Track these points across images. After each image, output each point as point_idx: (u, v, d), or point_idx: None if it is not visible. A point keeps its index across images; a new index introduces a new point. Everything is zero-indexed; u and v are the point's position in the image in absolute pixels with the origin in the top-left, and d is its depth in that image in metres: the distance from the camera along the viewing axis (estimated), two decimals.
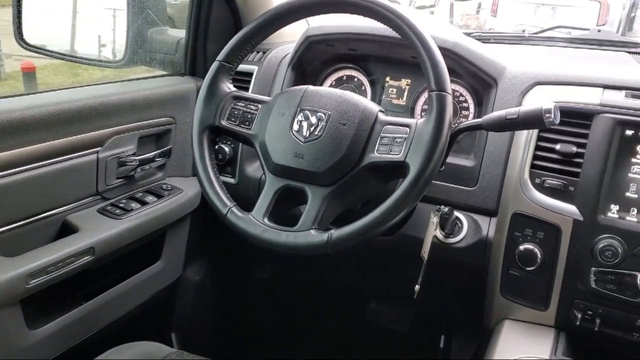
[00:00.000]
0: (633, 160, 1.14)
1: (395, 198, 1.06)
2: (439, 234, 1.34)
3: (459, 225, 1.35)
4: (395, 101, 1.55)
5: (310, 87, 1.21)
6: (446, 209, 1.28)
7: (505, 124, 1.10)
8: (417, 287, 1.31)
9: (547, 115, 1.04)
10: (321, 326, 2.05)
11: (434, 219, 1.29)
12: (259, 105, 1.24)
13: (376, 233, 1.07)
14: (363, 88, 1.58)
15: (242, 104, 1.24)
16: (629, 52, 1.62)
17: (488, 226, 1.32)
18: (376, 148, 1.12)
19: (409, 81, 1.53)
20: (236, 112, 1.23)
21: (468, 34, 1.80)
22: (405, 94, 1.54)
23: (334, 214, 1.17)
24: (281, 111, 1.19)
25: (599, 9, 7.82)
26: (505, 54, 1.43)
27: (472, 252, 1.32)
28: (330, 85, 1.61)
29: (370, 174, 1.15)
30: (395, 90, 1.55)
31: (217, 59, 1.25)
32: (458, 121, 1.45)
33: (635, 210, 1.13)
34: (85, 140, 1.33)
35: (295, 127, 1.16)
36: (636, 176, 1.14)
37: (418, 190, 1.06)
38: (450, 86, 1.08)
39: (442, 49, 1.31)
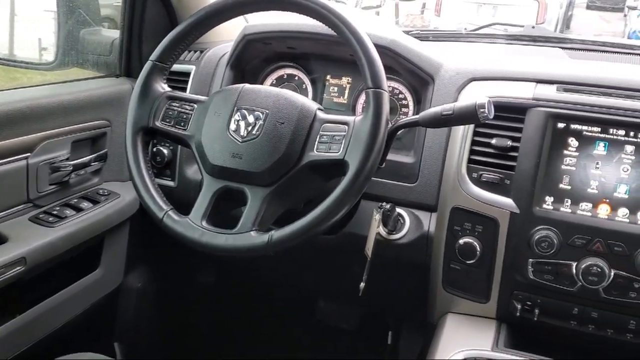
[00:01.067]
0: (565, 152, 1.17)
1: (335, 196, 1.05)
2: (382, 230, 1.34)
3: (402, 221, 1.35)
4: (336, 99, 1.55)
5: (247, 86, 1.19)
6: (388, 206, 1.28)
7: (441, 120, 1.11)
8: (362, 284, 1.31)
9: (481, 110, 1.05)
10: (270, 328, 2.03)
11: (377, 216, 1.30)
12: (195, 105, 1.21)
13: (317, 232, 1.07)
14: (304, 87, 1.57)
15: (177, 104, 1.21)
16: (562, 48, 1.66)
17: (429, 221, 1.33)
18: (315, 146, 1.11)
19: (350, 79, 1.53)
20: (171, 113, 1.20)
21: (407, 32, 1.81)
22: (347, 92, 1.54)
23: (275, 214, 1.16)
24: (217, 111, 1.17)
25: (537, 8, 8.08)
26: (442, 51, 1.45)
27: (414, 247, 1.33)
28: (271, 84, 1.59)
29: (310, 173, 1.14)
30: (336, 88, 1.55)
31: (150, 58, 1.22)
32: (398, 118, 1.45)
33: (569, 201, 1.16)
34: (13, 146, 1.27)
35: (232, 126, 1.14)
36: (569, 168, 1.16)
37: (357, 188, 1.05)
38: (386, 83, 1.08)
39: (379, 46, 1.31)
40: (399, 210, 1.34)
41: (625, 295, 1.13)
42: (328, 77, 1.56)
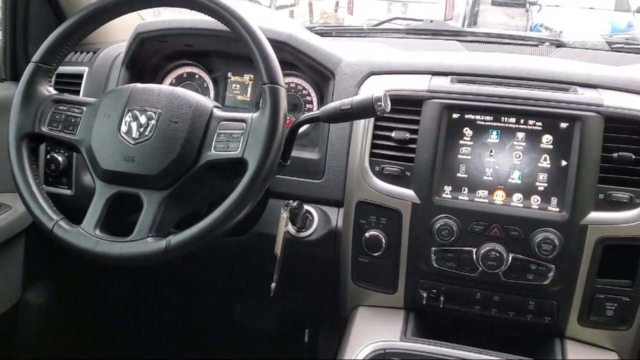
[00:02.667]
0: (461, 142, 1.19)
1: (235, 196, 1.02)
2: (291, 229, 1.33)
3: (310, 218, 1.34)
4: (239, 97, 1.52)
5: (139, 85, 1.14)
6: (295, 204, 1.27)
7: (340, 115, 1.11)
8: (273, 284, 1.30)
9: (378, 104, 1.06)
10: (188, 333, 1.97)
11: (284, 215, 1.28)
12: (84, 108, 1.15)
13: (219, 234, 1.04)
14: (205, 85, 1.53)
15: (65, 108, 1.15)
16: (459, 41, 1.71)
17: (337, 217, 1.33)
18: (213, 145, 1.08)
19: (252, 76, 1.51)
20: (58, 117, 1.14)
21: (310, 28, 1.81)
22: (249, 89, 1.51)
23: (174, 218, 1.12)
24: (107, 112, 1.11)
25: (445, 4, 8.36)
26: (342, 47, 1.45)
27: (323, 243, 1.33)
28: (170, 84, 1.54)
29: (209, 173, 1.11)
30: (238, 86, 1.52)
31: (32, 60, 1.15)
32: (302, 115, 1.44)
33: (466, 189, 1.19)
34: None
35: (124, 128, 1.09)
36: (465, 157, 1.19)
37: (258, 187, 1.03)
38: (282, 79, 1.06)
39: (276, 42, 1.31)
40: (307, 207, 1.33)
41: (523, 277, 1.17)
42: (230, 74, 1.53)
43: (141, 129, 1.08)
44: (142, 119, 1.08)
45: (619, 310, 1.17)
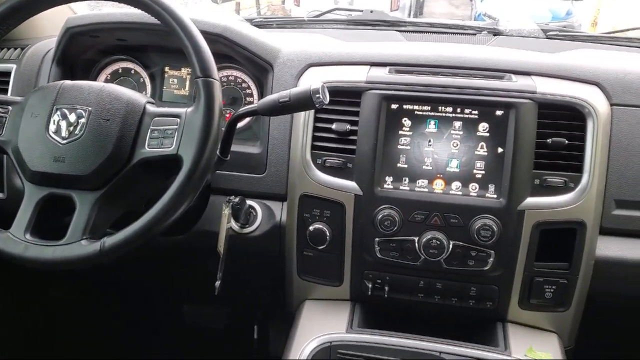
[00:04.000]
0: (400, 132, 1.20)
1: (170, 195, 1.00)
2: (234, 225, 1.31)
3: (254, 213, 1.33)
4: (177, 92, 1.49)
5: (67, 82, 1.09)
6: (237, 199, 1.25)
7: (279, 108, 1.10)
8: (217, 282, 1.28)
9: (316, 95, 1.05)
10: (137, 336, 1.93)
11: (226, 211, 1.26)
12: (9, 107, 1.10)
13: (156, 234, 1.01)
14: (142, 81, 1.49)
15: None
16: (399, 31, 1.72)
17: (281, 211, 1.32)
18: (147, 143, 1.05)
19: (190, 70, 1.47)
20: None
21: (250, 20, 1.79)
22: (187, 83, 1.48)
23: (109, 219, 1.08)
24: (34, 112, 1.07)
25: None
26: (281, 38, 1.43)
27: (268, 239, 1.31)
28: (105, 80, 1.49)
29: (144, 172, 1.08)
30: (176, 80, 1.49)
31: None
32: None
33: (407, 179, 1.20)
34: None
35: (52, 127, 1.04)
36: (404, 147, 1.20)
37: (194, 183, 1.01)
38: (216, 72, 1.04)
39: (211, 34, 1.29)
40: (250, 202, 1.32)
41: (464, 264, 1.19)
42: (167, 68, 1.49)
43: (71, 128, 1.04)
44: (72, 118, 1.04)
45: (557, 292, 1.20)
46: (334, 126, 1.23)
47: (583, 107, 1.16)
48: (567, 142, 1.16)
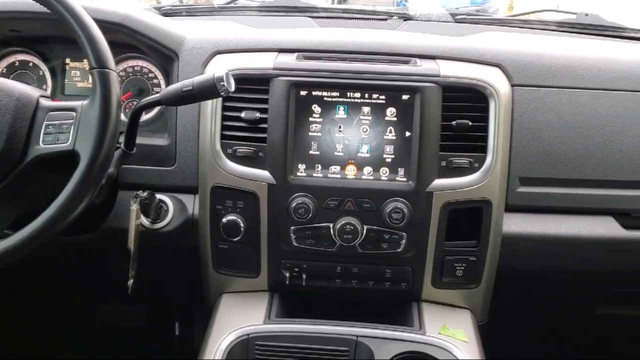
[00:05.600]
0: (311, 119, 1.19)
1: (67, 193, 0.95)
2: (145, 220, 1.27)
3: (165, 208, 1.28)
4: (80, 84, 1.42)
5: None
6: (145, 194, 1.21)
7: (183, 97, 1.07)
8: (130, 281, 1.24)
9: (221, 83, 1.03)
10: (52, 338, 1.84)
11: (134, 207, 1.22)
12: None
13: (55, 234, 0.95)
14: (41, 74, 1.41)
15: None
16: (311, 17, 1.70)
17: (193, 204, 1.28)
18: (41, 139, 1.00)
19: None
20: None
21: (159, 8, 1.72)
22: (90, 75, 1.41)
23: (5, 220, 1.02)
24: None
25: None
26: (187, 26, 1.39)
27: (181, 233, 1.28)
28: (1, 74, 1.39)
29: (40, 169, 1.02)
30: (78, 72, 1.42)
31: None
32: None
33: (319, 166, 1.19)
34: None
35: None
36: (315, 134, 1.19)
37: (93, 179, 0.96)
38: (113, 62, 0.99)
39: (111, 23, 1.23)
40: (160, 196, 1.27)
41: (378, 247, 1.20)
42: (68, 60, 1.42)
43: None
44: None
45: (467, 269, 1.24)
46: (243, 114, 1.21)
47: (485, 88, 1.19)
48: (471, 123, 1.19)
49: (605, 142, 1.24)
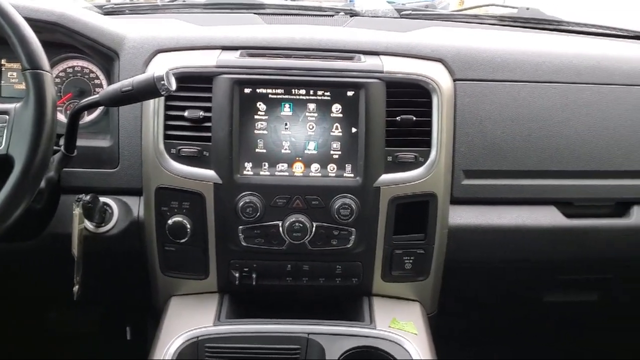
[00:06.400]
0: (256, 117, 1.18)
1: (1, 199, 0.91)
2: (89, 225, 1.23)
3: (109, 211, 1.25)
4: (18, 86, 1.38)
5: None
6: (88, 197, 1.18)
7: (122, 97, 1.04)
8: (75, 287, 1.20)
9: (161, 82, 1.01)
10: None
11: (76, 211, 1.19)
12: None
13: None
14: None
15: None
16: (257, 14, 1.69)
17: (138, 206, 1.26)
18: None
19: None
20: None
21: (100, 7, 1.68)
22: None
23: None
24: None
25: None
26: (128, 24, 1.36)
27: (127, 236, 1.25)
28: None
29: None
30: (15, 74, 1.37)
31: None
32: None
33: (266, 164, 1.18)
34: None
35: None
36: (261, 132, 1.18)
37: (29, 185, 0.93)
38: (47, 62, 0.96)
39: (47, 22, 1.21)
40: (104, 199, 1.24)
41: (328, 243, 1.20)
42: (3, 61, 1.37)
43: None
44: None
45: (416, 262, 1.25)
46: (186, 113, 1.18)
47: (427, 83, 1.20)
48: (415, 118, 1.20)
49: (545, 133, 1.27)
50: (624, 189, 1.32)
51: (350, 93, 1.17)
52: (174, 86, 1.03)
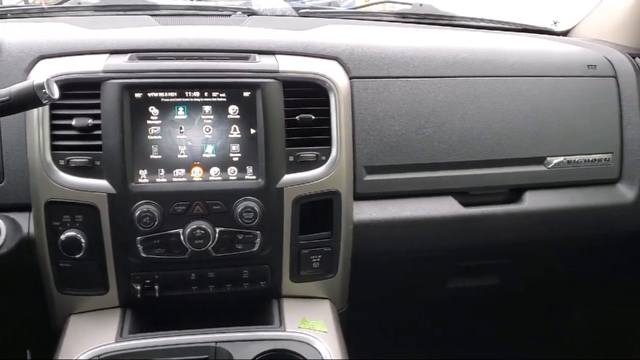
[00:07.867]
0: (148, 122, 1.13)
1: None
2: None
3: None
4: None
5: None
6: None
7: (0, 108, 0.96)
8: None
9: (42, 91, 0.94)
10: None
11: None
12: None
13: None
14: None
15: None
16: (152, 15, 1.62)
17: (28, 222, 1.18)
18: None
19: None
20: None
21: None
22: None
23: None
24: None
25: None
26: (8, 29, 1.27)
27: (17, 255, 1.17)
28: None
29: None
30: None
31: None
32: None
33: (163, 170, 1.14)
34: None
35: None
36: (155, 137, 1.14)
37: None
38: None
39: None
40: None
41: (233, 248, 1.18)
42: None
43: None
44: None
45: (323, 260, 1.26)
46: (74, 122, 1.12)
47: (324, 82, 1.21)
48: (314, 117, 1.20)
49: (438, 127, 1.31)
50: (516, 176, 1.38)
51: (246, 94, 1.16)
52: (56, 94, 0.96)
